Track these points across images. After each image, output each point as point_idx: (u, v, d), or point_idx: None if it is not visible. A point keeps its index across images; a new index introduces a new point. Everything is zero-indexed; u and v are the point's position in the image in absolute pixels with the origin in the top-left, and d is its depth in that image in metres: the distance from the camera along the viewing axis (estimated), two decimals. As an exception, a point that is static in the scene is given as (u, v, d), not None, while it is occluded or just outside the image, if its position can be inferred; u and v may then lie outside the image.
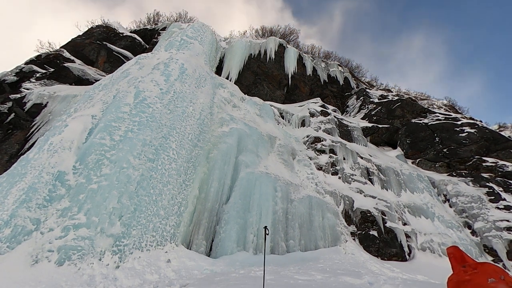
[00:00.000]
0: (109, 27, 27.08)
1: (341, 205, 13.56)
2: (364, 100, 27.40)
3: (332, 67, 31.76)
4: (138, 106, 10.59)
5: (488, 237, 13.60)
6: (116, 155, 8.87)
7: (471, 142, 19.22)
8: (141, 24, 35.02)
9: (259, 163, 12.71)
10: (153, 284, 6.57)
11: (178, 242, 8.86)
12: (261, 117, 17.48)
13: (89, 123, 9.89)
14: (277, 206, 11.18)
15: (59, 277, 6.25)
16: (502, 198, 15.35)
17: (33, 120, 15.21)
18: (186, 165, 10.44)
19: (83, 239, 7.08)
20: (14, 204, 7.39)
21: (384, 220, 12.92)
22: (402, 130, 21.94)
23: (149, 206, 8.58)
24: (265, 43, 27.96)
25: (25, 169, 8.35)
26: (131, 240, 7.74)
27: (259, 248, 9.65)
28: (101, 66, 22.67)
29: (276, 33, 36.27)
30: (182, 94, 12.30)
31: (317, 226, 11.50)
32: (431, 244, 12.82)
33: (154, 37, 27.80)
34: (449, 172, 18.25)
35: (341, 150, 17.13)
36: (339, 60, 37.65)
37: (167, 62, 13.48)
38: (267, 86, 26.08)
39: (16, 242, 6.92)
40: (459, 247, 1.55)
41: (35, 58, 19.71)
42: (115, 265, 7.06)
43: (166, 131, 10.49)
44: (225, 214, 10.28)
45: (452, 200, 15.95)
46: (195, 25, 20.36)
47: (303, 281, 6.23)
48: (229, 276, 6.84)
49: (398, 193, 15.68)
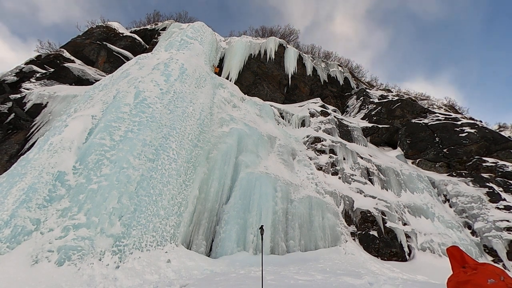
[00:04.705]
0: (109, 27, 27.09)
1: (341, 205, 13.55)
2: (364, 100, 27.40)
3: (332, 67, 31.77)
4: (138, 106, 10.60)
5: (488, 237, 13.59)
6: (116, 155, 8.87)
7: (471, 142, 19.22)
8: (141, 24, 35.08)
9: (259, 163, 12.71)
10: (153, 284, 6.57)
11: (178, 242, 8.86)
12: (261, 117, 17.48)
13: (89, 123, 9.89)
14: (277, 206, 11.18)
15: (59, 277, 6.25)
16: (502, 198, 15.34)
17: (33, 120, 15.21)
18: (186, 165, 10.44)
19: (83, 239, 7.08)
20: (14, 204, 7.39)
21: (384, 220, 12.91)
22: (402, 130, 21.94)
23: (149, 206, 8.58)
24: (265, 43, 27.96)
25: (25, 169, 8.35)
26: (131, 240, 7.74)
27: (259, 248, 9.63)
28: (101, 66, 22.68)
29: (276, 33, 36.36)
30: (182, 94, 12.30)
31: (317, 226, 11.49)
32: (431, 244, 12.81)
33: (154, 37, 27.82)
34: (449, 172, 18.25)
35: (341, 150, 17.12)
36: (339, 60, 37.73)
37: (167, 62, 13.49)
38: (267, 86, 26.07)
39: (16, 242, 6.93)
40: (459, 247, 1.55)
41: (35, 58, 19.71)
42: (115, 265, 7.06)
43: (166, 131, 10.49)
44: (225, 214, 10.27)
45: (452, 200, 15.94)
46: (195, 25, 20.37)
47: (303, 281, 6.23)
48: (229, 276, 6.84)
49: (398, 193, 15.67)
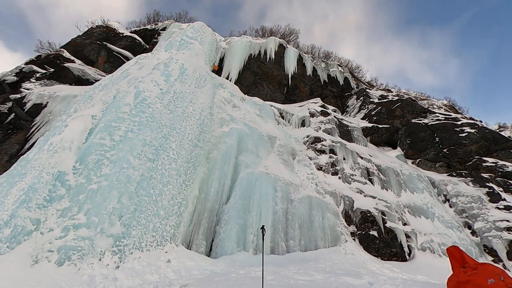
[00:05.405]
0: (109, 27, 27.09)
1: (341, 205, 13.55)
2: (364, 100, 27.40)
3: (332, 67, 31.77)
4: (138, 106, 10.60)
5: (488, 237, 13.60)
6: (116, 155, 8.87)
7: (471, 142, 19.22)
8: (141, 24, 35.08)
9: (259, 163, 12.71)
10: (153, 284, 6.57)
11: (178, 242, 8.86)
12: (261, 117, 17.47)
13: (89, 123, 9.89)
14: (277, 206, 11.18)
15: (59, 277, 6.25)
16: (502, 198, 15.34)
17: (33, 120, 15.21)
18: (186, 165, 10.44)
19: (83, 239, 7.08)
20: (14, 204, 7.39)
21: (384, 220, 12.91)
22: (402, 130, 21.94)
23: (149, 206, 8.58)
24: (265, 43, 27.96)
25: (25, 169, 8.35)
26: (131, 240, 7.74)
27: (259, 248, 9.63)
28: (101, 66, 22.68)
29: (276, 33, 36.35)
30: (182, 94, 12.30)
31: (317, 226, 11.49)
32: (431, 244, 12.81)
33: (154, 37, 27.82)
34: (449, 172, 18.25)
35: (341, 150, 17.12)
36: (339, 60, 37.73)
37: (167, 62, 13.49)
38: (267, 86, 26.07)
39: (16, 242, 6.92)
40: (459, 247, 1.55)
41: (35, 58, 19.72)
42: (115, 265, 7.06)
43: (166, 131, 10.49)
44: (225, 214, 10.27)
45: (452, 200, 15.94)
46: (195, 25, 20.36)
47: (303, 281, 6.23)
48: (229, 276, 6.84)
49: (398, 193, 15.67)
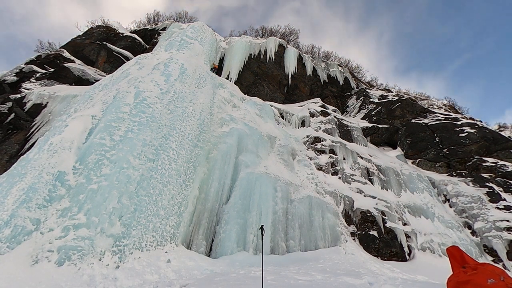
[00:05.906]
0: (109, 27, 27.09)
1: (341, 205, 13.55)
2: (364, 100, 27.40)
3: (332, 67, 31.77)
4: (138, 106, 10.60)
5: (488, 237, 13.59)
6: (116, 155, 8.87)
7: (471, 142, 19.21)
8: (141, 24, 35.07)
9: (259, 163, 12.71)
10: (153, 284, 6.57)
11: (178, 242, 8.86)
12: (261, 117, 17.47)
13: (89, 123, 9.89)
14: (277, 206, 11.18)
15: (59, 277, 6.25)
16: (502, 198, 15.34)
17: (33, 120, 15.21)
18: (186, 165, 10.44)
19: (83, 239, 7.08)
20: (14, 204, 7.39)
21: (384, 220, 12.91)
22: (402, 130, 21.93)
23: (149, 206, 8.58)
24: (265, 43, 27.95)
25: (25, 169, 8.35)
26: (131, 240, 7.74)
27: (259, 248, 9.63)
28: (101, 66, 22.68)
29: (276, 33, 36.33)
30: (182, 94, 12.30)
31: (317, 226, 11.49)
32: (431, 244, 12.81)
33: (154, 37, 27.82)
34: (449, 172, 18.25)
35: (341, 150, 17.12)
36: (339, 60, 37.71)
37: (167, 62, 13.49)
38: (267, 86, 26.07)
39: (16, 242, 6.92)
40: (459, 247, 1.55)
41: (35, 58, 19.71)
42: (115, 265, 7.06)
43: (166, 131, 10.49)
44: (225, 214, 10.27)
45: (452, 200, 15.94)
46: (195, 25, 20.36)
47: (303, 281, 6.23)
48: (229, 276, 6.85)
49: (398, 193, 15.67)
